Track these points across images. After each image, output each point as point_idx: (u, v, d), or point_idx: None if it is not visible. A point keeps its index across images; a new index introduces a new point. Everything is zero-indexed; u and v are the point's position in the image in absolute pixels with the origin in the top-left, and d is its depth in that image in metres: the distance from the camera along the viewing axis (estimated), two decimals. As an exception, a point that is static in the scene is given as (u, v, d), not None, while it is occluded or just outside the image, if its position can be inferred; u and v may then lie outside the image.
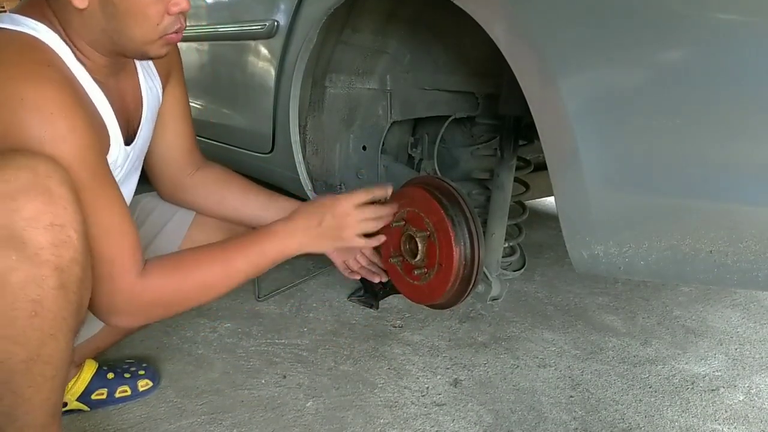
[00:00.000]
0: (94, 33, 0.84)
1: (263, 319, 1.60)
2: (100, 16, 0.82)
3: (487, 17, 0.87)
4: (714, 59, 0.68)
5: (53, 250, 0.71)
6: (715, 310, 1.75)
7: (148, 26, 0.84)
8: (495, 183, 1.19)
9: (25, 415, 0.79)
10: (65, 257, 0.73)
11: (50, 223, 0.71)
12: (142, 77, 1.02)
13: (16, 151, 0.72)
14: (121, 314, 0.88)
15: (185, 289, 0.91)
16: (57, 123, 0.76)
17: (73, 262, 0.74)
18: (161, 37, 0.86)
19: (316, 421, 1.19)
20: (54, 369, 0.78)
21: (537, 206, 2.70)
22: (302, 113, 1.38)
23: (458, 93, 1.38)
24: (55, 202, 0.71)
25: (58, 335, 0.75)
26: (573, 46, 0.78)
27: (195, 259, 0.93)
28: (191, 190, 1.18)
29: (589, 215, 0.82)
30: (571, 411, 1.25)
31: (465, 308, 1.68)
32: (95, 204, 0.81)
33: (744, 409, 1.28)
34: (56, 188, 0.71)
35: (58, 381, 0.80)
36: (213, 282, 0.94)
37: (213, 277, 0.94)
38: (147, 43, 0.86)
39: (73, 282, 0.75)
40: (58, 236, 0.71)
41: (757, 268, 0.74)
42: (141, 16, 0.82)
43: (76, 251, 0.74)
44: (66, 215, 0.72)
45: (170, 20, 0.85)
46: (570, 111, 0.78)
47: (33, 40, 0.82)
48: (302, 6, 1.31)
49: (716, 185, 0.72)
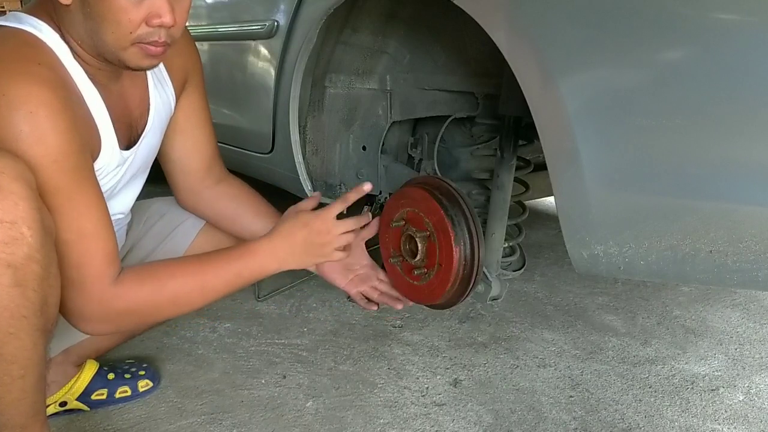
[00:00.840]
0: (79, 32, 0.83)
1: (263, 319, 1.60)
2: (80, 15, 0.81)
3: (487, 17, 0.87)
4: (714, 59, 0.68)
5: (3, 248, 0.70)
6: (715, 310, 1.75)
7: (120, 32, 0.80)
8: (495, 183, 1.19)
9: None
10: (18, 254, 0.71)
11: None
12: (151, 84, 1.01)
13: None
14: (90, 321, 0.87)
15: (157, 301, 0.90)
16: (38, 122, 0.75)
17: (29, 259, 0.72)
18: (135, 45, 0.82)
19: (316, 421, 1.19)
20: (21, 368, 0.76)
21: (537, 206, 2.70)
22: (302, 113, 1.38)
23: (458, 93, 1.37)
24: (5, 197, 0.70)
25: (20, 334, 0.74)
26: (573, 46, 0.77)
27: (170, 271, 0.92)
28: (207, 203, 1.16)
29: (589, 215, 0.82)
30: (571, 411, 1.25)
31: (465, 308, 1.68)
32: (70, 207, 0.80)
33: (744, 409, 1.28)
34: (8, 184, 0.70)
35: (30, 381, 0.78)
36: (186, 296, 0.92)
37: (186, 291, 0.92)
38: (120, 50, 0.82)
39: (31, 279, 0.73)
40: (8, 233, 0.70)
41: (757, 268, 0.74)
42: (113, 21, 0.79)
43: (31, 248, 0.72)
44: (17, 211, 0.70)
45: (146, 31, 0.81)
46: (570, 111, 0.78)
47: (31, 38, 0.81)
48: (302, 6, 1.31)
49: (716, 185, 0.72)
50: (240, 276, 0.95)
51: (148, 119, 1.01)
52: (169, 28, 0.82)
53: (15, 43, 0.80)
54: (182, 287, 0.91)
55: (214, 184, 1.16)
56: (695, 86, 0.69)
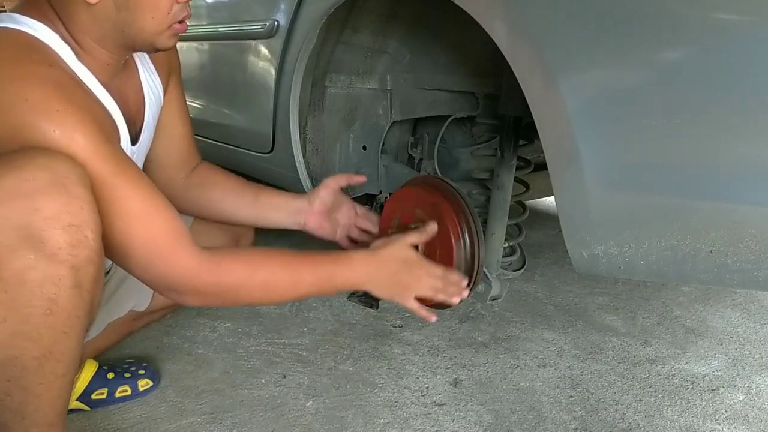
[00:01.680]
0: (103, 28, 0.85)
1: (263, 318, 1.60)
2: (111, 9, 0.83)
3: (488, 17, 0.87)
4: (714, 59, 0.68)
5: (70, 250, 0.72)
6: (715, 310, 1.75)
7: (159, 15, 0.85)
8: (495, 183, 1.19)
9: (34, 413, 0.79)
10: (81, 257, 0.73)
11: (68, 223, 0.72)
12: (143, 78, 1.02)
13: (36, 149, 0.73)
14: (182, 293, 0.87)
15: (249, 282, 0.90)
16: (65, 119, 0.75)
17: (89, 261, 0.75)
18: (170, 27, 0.88)
19: (316, 421, 1.19)
20: (65, 367, 0.79)
21: (537, 206, 2.70)
22: (302, 113, 1.38)
23: (458, 93, 1.38)
24: (73, 202, 0.72)
25: (71, 333, 0.76)
26: (573, 46, 0.78)
27: (265, 257, 0.92)
28: (182, 194, 1.17)
29: (589, 215, 0.82)
30: (571, 411, 1.25)
31: (465, 308, 1.69)
32: (121, 192, 0.80)
33: (744, 409, 1.28)
34: (74, 188, 0.72)
35: (68, 379, 0.81)
36: (276, 284, 0.92)
37: (278, 279, 0.92)
38: (157, 33, 0.87)
39: (87, 281, 0.76)
40: (75, 236, 0.72)
41: (757, 268, 0.74)
42: (152, 6, 0.84)
43: (91, 251, 0.75)
44: (83, 215, 0.73)
45: (179, 8, 0.87)
46: (570, 111, 0.78)
47: (33, 39, 0.81)
48: (302, 6, 1.31)
49: (716, 185, 0.72)
50: (331, 279, 0.95)
51: (145, 114, 1.02)
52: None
53: (19, 46, 0.80)
54: (274, 275, 0.91)
55: (189, 172, 1.18)
56: (695, 86, 0.69)
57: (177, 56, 1.14)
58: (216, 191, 1.18)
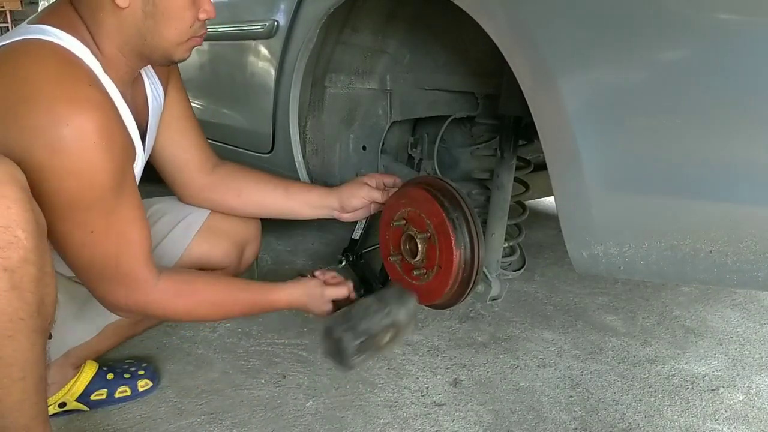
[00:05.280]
0: (127, 34, 0.87)
1: (263, 319, 1.60)
2: (139, 15, 0.85)
3: (487, 17, 0.87)
4: (714, 59, 0.67)
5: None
6: (715, 310, 1.75)
7: (182, 27, 0.89)
8: (495, 183, 1.19)
9: (1, 419, 0.78)
10: (14, 258, 0.72)
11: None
12: (147, 84, 1.03)
13: None
14: (127, 311, 0.97)
15: (190, 304, 1.00)
16: (98, 152, 0.80)
17: (24, 261, 0.73)
18: (188, 40, 0.91)
19: (316, 421, 1.19)
20: (20, 370, 0.77)
21: (537, 206, 2.70)
22: (302, 113, 1.38)
23: (458, 93, 1.37)
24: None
25: (17, 336, 0.74)
26: (572, 46, 0.77)
27: (205, 280, 1.04)
28: (209, 189, 1.19)
29: (589, 215, 0.82)
30: (571, 411, 1.25)
31: (465, 308, 1.68)
32: (120, 223, 0.87)
33: (744, 409, 1.28)
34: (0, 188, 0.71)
35: (30, 382, 0.79)
36: (219, 301, 1.03)
37: (219, 297, 1.03)
38: (177, 44, 0.91)
39: (27, 282, 0.74)
40: (3, 237, 0.70)
41: (757, 268, 0.74)
42: (178, 17, 0.88)
43: (26, 251, 0.73)
44: (10, 215, 0.71)
45: (199, 25, 0.92)
46: (570, 111, 0.78)
47: (70, 55, 0.83)
48: (302, 6, 1.31)
49: (716, 185, 0.72)
50: (264, 296, 1.09)
51: (149, 118, 1.03)
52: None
53: (56, 61, 0.81)
54: (216, 293, 1.04)
55: (210, 170, 1.20)
56: (695, 86, 0.69)
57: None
58: (246, 182, 1.22)
